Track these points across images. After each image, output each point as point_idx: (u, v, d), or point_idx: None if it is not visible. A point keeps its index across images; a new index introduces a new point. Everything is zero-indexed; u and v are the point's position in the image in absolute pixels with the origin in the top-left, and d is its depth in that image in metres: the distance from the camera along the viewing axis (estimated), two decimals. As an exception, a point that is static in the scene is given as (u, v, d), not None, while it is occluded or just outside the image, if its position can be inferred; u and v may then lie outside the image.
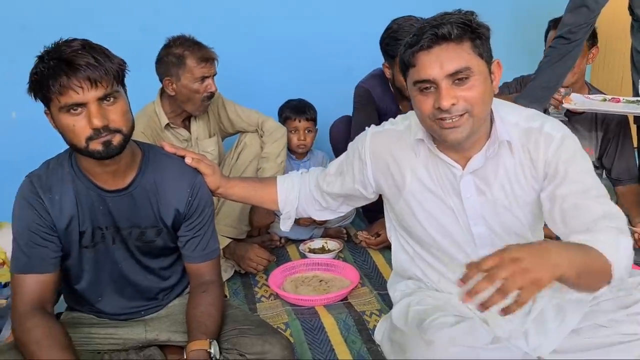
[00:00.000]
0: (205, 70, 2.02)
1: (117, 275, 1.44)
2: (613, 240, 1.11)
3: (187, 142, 2.16)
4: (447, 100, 1.18)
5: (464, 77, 1.19)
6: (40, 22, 2.51)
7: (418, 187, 1.38)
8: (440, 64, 1.18)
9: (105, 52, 1.25)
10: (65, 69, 1.18)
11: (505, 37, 2.36)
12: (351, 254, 2.32)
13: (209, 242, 1.47)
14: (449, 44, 1.18)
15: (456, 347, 1.17)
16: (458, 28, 1.18)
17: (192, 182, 1.43)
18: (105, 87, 1.21)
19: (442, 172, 1.35)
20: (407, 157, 1.39)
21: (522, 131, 1.29)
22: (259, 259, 2.13)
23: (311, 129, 2.53)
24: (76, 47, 1.21)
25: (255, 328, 1.39)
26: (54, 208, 1.33)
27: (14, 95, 2.45)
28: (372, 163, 1.45)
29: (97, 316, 1.49)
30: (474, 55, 1.20)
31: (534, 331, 1.32)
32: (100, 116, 1.21)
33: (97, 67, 1.19)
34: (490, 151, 1.30)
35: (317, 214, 1.64)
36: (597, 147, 2.31)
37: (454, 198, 1.36)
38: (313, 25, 2.89)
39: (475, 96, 1.20)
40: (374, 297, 1.94)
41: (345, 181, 1.52)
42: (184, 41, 2.04)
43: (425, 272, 1.48)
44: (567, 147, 1.27)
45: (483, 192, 1.33)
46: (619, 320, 1.26)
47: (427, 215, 1.39)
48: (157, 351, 1.49)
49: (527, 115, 1.32)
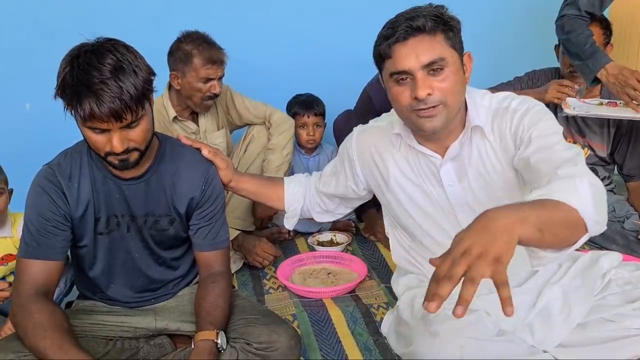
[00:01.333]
0: (210, 72, 2.02)
1: (129, 263, 1.47)
2: (569, 186, 1.02)
3: (196, 135, 2.17)
4: (423, 90, 1.21)
5: (439, 68, 1.22)
6: (52, 15, 2.55)
7: (401, 179, 1.43)
8: (416, 55, 1.21)
9: (135, 70, 1.22)
10: (91, 99, 1.17)
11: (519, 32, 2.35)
12: (359, 247, 2.34)
13: (219, 231, 1.49)
14: (424, 35, 1.22)
15: (461, 339, 1.18)
16: (431, 20, 1.22)
17: (206, 171, 1.47)
18: (129, 118, 1.22)
19: (423, 163, 1.39)
20: (389, 151, 1.44)
21: (492, 112, 1.32)
22: (265, 254, 2.14)
23: (320, 124, 2.53)
24: (105, 75, 1.18)
25: (263, 318, 1.41)
26: (72, 196, 1.36)
27: (28, 87, 2.52)
28: (359, 160, 1.51)
29: (109, 304, 1.52)
30: (447, 46, 1.23)
31: (539, 324, 1.32)
32: (121, 142, 1.24)
33: (123, 100, 1.18)
34: (465, 137, 1.33)
35: (318, 216, 1.70)
36: (609, 143, 2.30)
37: (437, 188, 1.39)
38: (323, 18, 2.89)
39: (449, 87, 1.24)
40: (382, 290, 1.95)
41: (339, 181, 1.58)
42: (196, 38, 2.03)
43: (422, 264, 1.50)
44: (531, 116, 1.27)
45: (462, 179, 1.36)
46: (625, 315, 1.26)
47: (414, 206, 1.43)
48: (166, 340, 1.51)
49: (500, 98, 1.35)
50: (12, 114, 2.59)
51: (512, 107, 1.30)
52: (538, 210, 0.95)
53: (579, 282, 1.36)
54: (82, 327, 1.41)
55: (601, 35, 2.19)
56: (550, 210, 0.97)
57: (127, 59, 1.22)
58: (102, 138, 1.24)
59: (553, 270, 1.41)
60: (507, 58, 2.21)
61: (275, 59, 2.87)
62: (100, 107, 1.17)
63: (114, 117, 1.19)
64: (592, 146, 2.31)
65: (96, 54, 1.20)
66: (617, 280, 1.33)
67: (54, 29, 2.51)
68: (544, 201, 0.98)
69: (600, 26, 2.19)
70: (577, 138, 2.32)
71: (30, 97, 2.59)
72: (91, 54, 1.20)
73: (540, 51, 2.56)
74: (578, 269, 1.39)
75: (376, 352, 1.57)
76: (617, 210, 2.22)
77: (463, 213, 1.37)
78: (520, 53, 2.27)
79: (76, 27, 1.73)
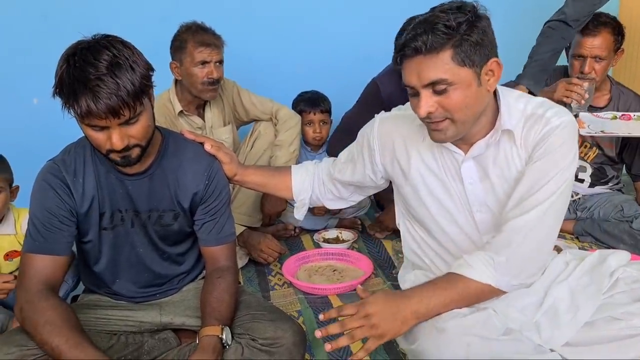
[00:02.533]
0: (204, 54, 2.02)
1: (134, 258, 1.47)
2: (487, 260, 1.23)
3: (201, 130, 2.17)
4: (422, 109, 1.21)
5: (443, 88, 1.19)
6: (60, 11, 2.56)
7: (424, 170, 1.40)
8: (418, 74, 1.20)
9: (132, 66, 1.21)
10: (88, 96, 1.16)
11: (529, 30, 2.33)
12: (365, 245, 2.33)
13: (225, 225, 1.49)
14: (424, 56, 1.18)
15: (468, 336, 1.17)
16: (439, 36, 1.16)
17: (210, 166, 1.47)
18: (127, 114, 1.21)
19: (447, 157, 1.37)
20: (414, 140, 1.41)
21: (526, 117, 1.30)
22: (270, 251, 2.14)
23: (326, 121, 2.53)
24: (101, 71, 1.17)
25: (268, 314, 1.40)
26: (77, 191, 1.36)
27: (36, 83, 2.53)
28: (380, 148, 1.47)
29: (114, 298, 1.52)
30: (454, 64, 1.18)
31: (546, 323, 1.30)
32: (121, 139, 1.23)
33: (120, 96, 1.17)
34: (492, 139, 1.31)
35: (330, 203, 1.66)
36: (617, 143, 2.29)
37: (457, 184, 1.37)
38: (330, 14, 2.89)
39: (454, 104, 1.21)
40: (387, 288, 1.94)
41: (356, 168, 1.54)
42: (191, 26, 2.06)
43: (433, 260, 1.49)
44: (559, 135, 1.25)
45: (484, 179, 1.34)
46: (633, 313, 1.24)
47: (433, 200, 1.41)
48: (171, 334, 1.51)
49: (538, 103, 1.32)
50: (20, 109, 2.60)
51: (547, 115, 1.27)
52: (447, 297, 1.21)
53: (586, 280, 1.35)
54: (86, 321, 1.41)
55: (611, 42, 2.15)
56: (459, 293, 1.22)
57: (123, 55, 1.21)
58: (102, 135, 1.23)
59: (560, 269, 1.39)
60: (518, 56, 2.19)
61: (282, 56, 2.87)
62: (97, 104, 1.16)
63: (111, 113, 1.18)
64: (601, 145, 2.31)
65: (92, 50, 1.19)
66: (625, 278, 1.31)
67: (62, 26, 2.50)
68: (455, 284, 1.23)
69: (612, 32, 2.15)
70: (586, 137, 2.31)
71: (38, 92, 2.60)
72: (87, 51, 1.19)
73: None
74: (585, 267, 1.38)
75: (381, 349, 1.57)
76: (626, 210, 2.21)
77: (480, 213, 1.36)
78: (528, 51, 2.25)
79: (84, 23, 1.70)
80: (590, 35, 2.14)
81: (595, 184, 2.38)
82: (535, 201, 1.24)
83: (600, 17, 2.15)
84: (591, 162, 2.34)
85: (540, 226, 1.25)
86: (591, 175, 2.36)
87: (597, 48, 2.13)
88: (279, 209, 2.30)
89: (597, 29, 2.13)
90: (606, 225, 2.23)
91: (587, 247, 2.23)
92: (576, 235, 2.33)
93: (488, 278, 1.21)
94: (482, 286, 1.21)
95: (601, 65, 2.15)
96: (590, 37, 2.14)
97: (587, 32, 2.14)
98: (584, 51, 2.15)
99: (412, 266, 1.58)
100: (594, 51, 2.13)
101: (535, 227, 1.24)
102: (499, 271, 1.22)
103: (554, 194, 1.24)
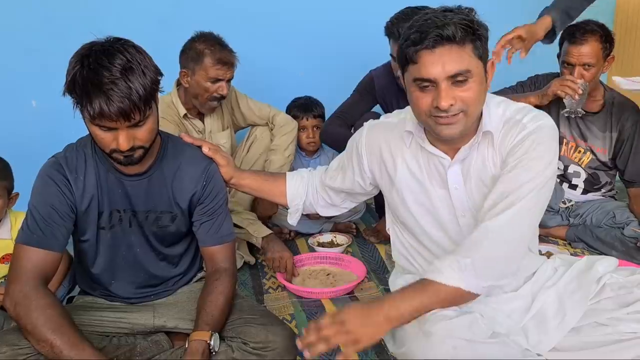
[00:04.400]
0: (220, 72, 2.04)
1: (131, 258, 1.49)
2: (453, 263, 1.21)
3: (202, 133, 2.19)
4: (446, 101, 1.21)
5: (464, 79, 1.21)
6: (63, 15, 2.58)
7: (408, 177, 1.42)
8: (443, 65, 1.20)
9: (144, 70, 1.24)
10: (101, 98, 1.19)
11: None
12: (359, 249, 2.35)
13: (222, 225, 1.51)
14: (452, 45, 1.20)
15: (454, 339, 1.18)
16: (462, 30, 1.19)
17: (207, 167, 1.50)
18: (137, 117, 1.24)
19: (431, 163, 1.38)
20: (399, 148, 1.43)
21: (505, 122, 1.31)
22: (283, 266, 2.06)
23: (319, 126, 2.54)
24: (115, 75, 1.20)
25: (260, 318, 1.42)
26: (78, 188, 1.38)
27: (34, 84, 2.55)
28: (367, 154, 1.49)
29: (109, 299, 1.53)
30: (474, 57, 1.22)
31: (533, 328, 1.33)
32: (127, 140, 1.26)
33: (132, 100, 1.20)
34: (475, 141, 1.32)
35: (323, 210, 1.68)
36: (610, 148, 2.30)
37: (442, 190, 1.38)
38: (330, 19, 2.92)
39: (472, 97, 1.23)
40: (380, 292, 1.96)
41: (346, 175, 1.57)
42: (209, 39, 2.06)
43: (421, 265, 1.50)
44: (533, 139, 1.26)
45: (467, 182, 1.36)
46: (619, 319, 1.26)
47: (417, 205, 1.43)
48: (163, 337, 1.52)
49: (517, 109, 1.33)
50: (18, 111, 2.62)
51: (524, 121, 1.29)
52: (420, 302, 1.20)
53: (574, 286, 1.37)
54: (79, 322, 1.40)
55: (599, 49, 2.15)
56: (430, 298, 1.21)
57: (136, 59, 1.24)
58: (109, 136, 1.26)
59: (548, 275, 1.41)
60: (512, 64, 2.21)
61: (283, 59, 2.89)
62: (110, 107, 1.19)
63: (123, 116, 1.21)
64: (593, 150, 2.32)
65: (106, 53, 1.22)
66: (611, 284, 1.33)
67: (64, 29, 2.54)
68: (426, 288, 1.21)
69: (599, 40, 2.15)
70: (580, 142, 2.33)
71: (36, 94, 2.62)
72: (101, 54, 1.22)
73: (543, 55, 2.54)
74: (574, 273, 1.39)
75: (372, 352, 1.58)
76: (618, 217, 2.22)
77: (464, 217, 1.38)
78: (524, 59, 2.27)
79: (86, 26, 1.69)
80: (577, 43, 2.15)
81: (589, 191, 2.39)
82: (508, 203, 1.23)
83: (587, 25, 2.16)
84: (585, 167, 2.35)
85: (512, 228, 1.24)
86: (584, 181, 2.38)
87: (585, 56, 2.14)
88: (269, 212, 2.32)
89: (584, 37, 2.14)
90: (598, 231, 2.24)
91: (579, 253, 2.24)
92: (568, 241, 2.35)
93: (456, 281, 1.20)
94: (451, 290, 1.20)
95: (590, 72, 2.16)
96: (577, 45, 2.15)
97: (574, 40, 2.15)
98: (572, 59, 2.16)
99: (402, 270, 1.60)
100: (582, 59, 2.14)
101: (505, 229, 1.23)
102: (466, 273, 1.20)
103: (526, 196, 1.23)
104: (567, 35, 2.20)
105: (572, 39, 2.16)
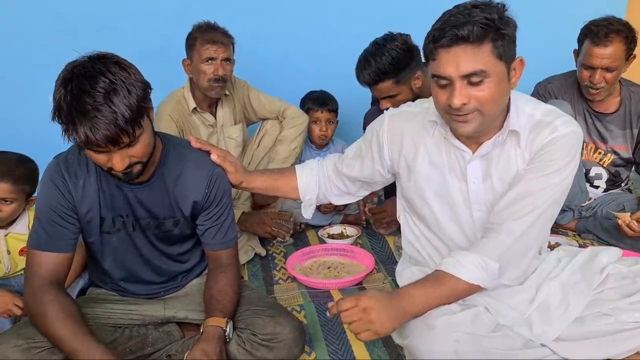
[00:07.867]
0: (210, 51, 2.06)
1: (138, 259, 1.51)
2: (481, 264, 1.26)
3: (213, 127, 2.21)
4: (458, 100, 1.21)
5: (479, 80, 1.20)
6: (75, 11, 2.60)
7: (428, 166, 1.42)
8: (457, 64, 1.19)
9: (129, 89, 1.19)
10: (86, 126, 1.15)
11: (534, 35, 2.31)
12: (369, 240, 2.37)
13: (228, 230, 1.51)
14: (468, 45, 1.18)
15: (457, 333, 1.21)
16: (481, 29, 1.17)
17: (210, 173, 1.47)
18: (127, 141, 1.21)
19: (453, 155, 1.38)
20: (422, 136, 1.42)
21: (534, 123, 1.30)
22: (275, 222, 2.13)
23: (332, 120, 2.56)
24: (99, 100, 1.15)
25: (268, 310, 1.45)
26: (77, 192, 1.38)
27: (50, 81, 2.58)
28: (388, 143, 1.48)
29: (120, 294, 1.57)
30: (493, 57, 1.19)
31: (538, 319, 1.34)
32: (122, 161, 1.24)
33: (118, 125, 1.16)
34: (499, 139, 1.32)
35: (337, 199, 1.67)
36: (632, 143, 2.24)
37: (461, 182, 1.38)
38: (341, 14, 2.91)
39: (487, 97, 1.21)
40: (389, 283, 1.98)
41: (364, 164, 1.55)
42: (202, 25, 2.11)
43: (430, 254, 1.51)
44: (563, 144, 1.27)
45: (486, 179, 1.36)
46: (622, 309, 1.28)
47: (434, 195, 1.42)
48: (175, 327, 1.56)
49: (546, 110, 1.32)
50: (34, 107, 2.66)
51: (556, 124, 1.28)
52: (435, 297, 1.25)
53: (577, 277, 1.38)
54: (92, 314, 1.46)
55: (623, 51, 2.03)
56: (444, 291, 1.26)
57: (120, 79, 1.19)
58: (103, 157, 1.24)
59: (552, 265, 1.43)
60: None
61: (291, 53, 2.90)
62: (95, 135, 1.16)
63: (110, 142, 1.18)
64: (615, 150, 2.26)
65: (87, 77, 1.17)
66: (615, 274, 1.34)
67: (76, 25, 2.57)
68: (442, 281, 1.26)
69: (624, 41, 2.03)
70: (600, 145, 2.28)
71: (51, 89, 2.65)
72: (83, 78, 1.17)
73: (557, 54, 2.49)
74: (577, 264, 1.41)
75: (379, 342, 1.61)
76: (627, 209, 2.19)
77: (479, 211, 1.38)
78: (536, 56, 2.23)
79: (98, 22, 1.74)
80: (600, 45, 2.02)
81: (610, 189, 2.35)
82: (531, 206, 1.26)
83: (611, 25, 2.02)
84: (607, 167, 2.29)
85: (532, 231, 1.28)
86: (607, 181, 2.33)
87: (608, 59, 2.02)
88: (268, 201, 2.34)
89: (608, 38, 2.00)
90: (607, 223, 2.20)
91: (588, 244, 2.23)
92: (578, 232, 2.33)
93: (478, 279, 1.25)
94: (470, 286, 1.25)
95: (612, 74, 2.06)
96: (601, 47, 2.02)
97: (597, 41, 2.02)
98: (594, 62, 2.05)
99: (409, 260, 1.61)
100: (604, 62, 2.03)
101: (527, 232, 1.27)
102: (490, 274, 1.26)
103: (549, 200, 1.27)
104: (589, 34, 2.06)
105: (595, 39, 2.03)
